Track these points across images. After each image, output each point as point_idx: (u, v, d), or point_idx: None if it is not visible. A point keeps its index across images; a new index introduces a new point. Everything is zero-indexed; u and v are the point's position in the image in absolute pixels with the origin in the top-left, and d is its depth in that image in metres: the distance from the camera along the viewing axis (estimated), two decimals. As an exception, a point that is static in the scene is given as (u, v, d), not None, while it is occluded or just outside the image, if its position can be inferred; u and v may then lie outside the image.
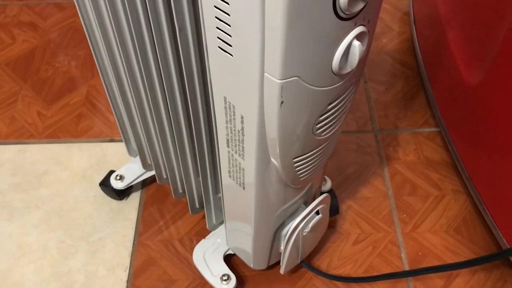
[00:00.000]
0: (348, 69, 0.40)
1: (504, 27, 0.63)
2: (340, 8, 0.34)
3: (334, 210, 0.76)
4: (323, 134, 0.47)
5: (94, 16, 0.54)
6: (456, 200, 0.81)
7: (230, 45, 0.38)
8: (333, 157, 0.85)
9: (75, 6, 0.56)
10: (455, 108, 0.81)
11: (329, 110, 0.44)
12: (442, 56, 0.84)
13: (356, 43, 0.38)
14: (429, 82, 0.91)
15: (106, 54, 0.59)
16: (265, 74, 0.38)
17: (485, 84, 0.70)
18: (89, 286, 0.73)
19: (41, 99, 0.95)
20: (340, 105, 0.45)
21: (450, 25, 0.82)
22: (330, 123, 0.46)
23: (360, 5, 0.36)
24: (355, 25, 0.37)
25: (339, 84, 0.42)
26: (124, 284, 0.73)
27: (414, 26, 1.01)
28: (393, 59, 1.02)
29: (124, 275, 0.74)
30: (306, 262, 0.71)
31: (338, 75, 0.40)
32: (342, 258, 0.75)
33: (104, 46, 0.58)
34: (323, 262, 0.75)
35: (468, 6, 0.76)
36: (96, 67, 0.63)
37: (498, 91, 0.67)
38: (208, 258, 0.70)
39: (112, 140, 0.89)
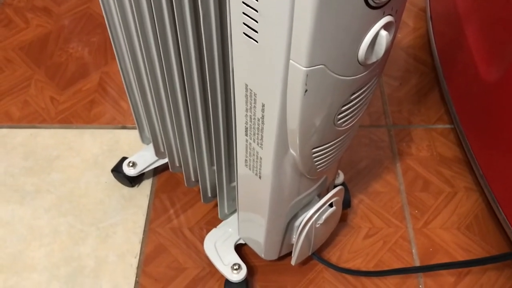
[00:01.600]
0: (373, 59, 0.40)
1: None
2: (370, -5, 0.34)
3: (345, 204, 0.76)
4: (343, 125, 0.47)
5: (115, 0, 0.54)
6: (468, 198, 0.81)
7: (256, 31, 0.38)
8: (346, 151, 0.85)
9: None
10: (471, 105, 0.81)
11: (352, 101, 0.44)
12: (459, 52, 0.83)
13: (384, 32, 0.38)
14: (444, 79, 0.91)
15: (125, 38, 0.59)
16: (291, 61, 0.37)
17: (503, 81, 0.69)
18: (99, 271, 0.73)
19: (54, 84, 0.95)
20: (362, 96, 0.44)
21: (468, 21, 0.81)
22: (351, 114, 0.46)
23: (389, -7, 0.35)
24: (384, 14, 0.37)
25: (363, 74, 0.41)
26: (134, 270, 0.73)
27: (430, 22, 1.00)
28: (408, 55, 1.01)
29: (134, 262, 0.74)
30: (317, 254, 0.71)
31: (363, 64, 0.40)
32: (352, 252, 0.75)
33: (123, 30, 0.57)
34: (333, 255, 0.74)
35: (488, 2, 0.76)
36: (110, 54, 0.63)
37: (516, 88, 0.66)
38: (219, 247, 0.70)
39: (124, 127, 0.89)
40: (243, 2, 0.36)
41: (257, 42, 0.38)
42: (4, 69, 0.98)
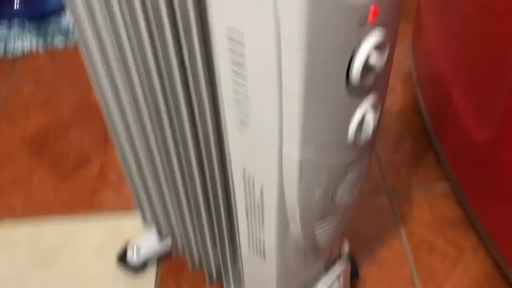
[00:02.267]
0: (363, 138, 0.41)
1: (509, 82, 0.64)
2: (353, 82, 0.36)
3: (353, 274, 0.75)
4: (342, 200, 0.48)
5: (110, 90, 0.56)
6: (475, 257, 0.80)
7: (249, 119, 0.39)
8: (349, 220, 0.85)
9: (88, 82, 0.58)
10: (467, 164, 0.82)
11: (347, 178, 0.45)
12: (449, 113, 0.86)
13: (370, 113, 0.39)
14: (437, 140, 0.92)
15: (123, 127, 0.61)
16: (284, 145, 0.39)
17: (495, 139, 0.71)
18: None
19: (56, 174, 0.97)
20: (356, 172, 0.46)
21: (454, 83, 0.84)
22: (348, 190, 0.47)
23: (371, 78, 0.37)
24: (368, 97, 0.39)
25: (355, 152, 0.43)
26: None
27: (417, 85, 1.04)
28: (399, 119, 1.04)
29: None
30: (329, 331, 0.69)
31: (354, 144, 0.41)
32: (365, 325, 0.73)
33: (121, 119, 0.59)
34: (346, 329, 0.72)
35: (471, 63, 0.79)
36: (110, 140, 0.65)
37: (507, 145, 0.68)
38: (228, 331, 0.68)
39: (127, 213, 0.90)
40: (235, 92, 0.38)
41: (251, 129, 0.40)
42: (6, 163, 1.00)
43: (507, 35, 0.65)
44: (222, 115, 0.42)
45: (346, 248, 0.75)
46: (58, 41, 1.29)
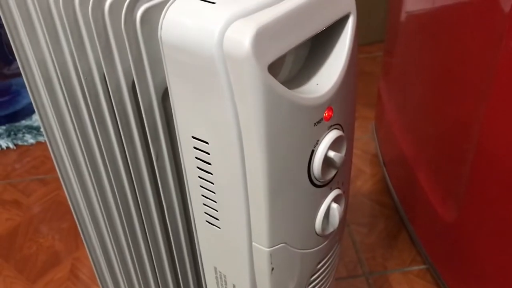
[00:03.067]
0: (330, 229, 0.42)
1: (468, 160, 0.67)
2: (315, 178, 0.38)
3: None
4: (316, 293, 0.47)
5: (80, 190, 0.56)
6: None
7: (217, 219, 0.40)
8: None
9: (58, 180, 0.58)
10: (438, 243, 0.83)
11: (319, 270, 0.45)
12: (416, 194, 0.88)
13: (335, 205, 0.41)
14: (408, 220, 0.94)
15: (92, 227, 0.60)
16: (253, 243, 0.39)
17: (463, 219, 0.72)
18: None
19: (24, 278, 0.93)
20: (328, 262, 0.46)
21: (418, 164, 0.87)
22: (322, 282, 0.47)
23: (332, 173, 0.39)
24: (331, 190, 0.40)
25: (324, 244, 0.43)
26: None
27: (384, 167, 1.07)
28: (371, 200, 1.06)
29: None
30: None
31: (322, 236, 0.42)
32: None
33: (90, 220, 0.59)
34: None
35: (432, 145, 0.82)
36: (80, 239, 0.64)
37: (475, 223, 0.70)
38: None
39: (98, 315, 0.86)
40: (203, 195, 0.39)
41: (219, 228, 0.41)
42: (-28, 269, 0.96)
43: (465, 115, 0.69)
44: (191, 216, 0.43)
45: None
46: (29, 138, 1.29)
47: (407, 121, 0.92)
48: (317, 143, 0.37)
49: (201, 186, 0.39)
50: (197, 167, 0.37)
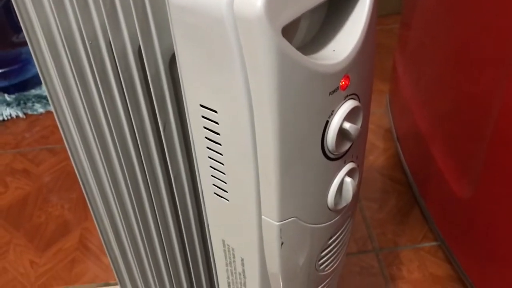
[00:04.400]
0: (343, 204, 0.40)
1: (486, 137, 0.65)
2: (329, 150, 0.36)
3: None
4: (326, 269, 0.46)
5: (87, 161, 0.55)
6: (470, 318, 0.77)
7: (226, 191, 0.39)
8: (338, 283, 0.82)
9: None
10: (452, 220, 0.81)
11: (330, 245, 0.44)
12: (430, 170, 0.86)
13: (348, 179, 0.39)
14: (421, 197, 0.92)
15: (100, 198, 0.59)
16: (263, 217, 0.38)
17: (478, 195, 0.70)
18: None
19: (34, 247, 0.94)
20: (339, 238, 0.45)
21: (433, 139, 0.85)
22: (332, 257, 0.46)
23: (346, 145, 0.37)
24: (345, 163, 0.39)
25: (336, 219, 0.42)
26: None
27: (398, 142, 1.05)
28: (383, 176, 1.04)
29: None
30: None
31: (334, 211, 0.40)
32: None
33: (97, 190, 0.58)
34: None
35: (449, 119, 0.80)
36: (89, 209, 0.63)
37: (491, 201, 0.68)
38: None
39: (107, 285, 0.86)
40: (211, 166, 0.38)
41: (228, 201, 0.39)
42: (-18, 237, 0.96)
43: (484, 91, 0.66)
44: (199, 188, 0.41)
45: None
46: (39, 108, 1.29)
47: (423, 95, 0.89)
48: (332, 113, 0.35)
49: (209, 157, 0.37)
50: (206, 137, 0.36)
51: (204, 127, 0.35)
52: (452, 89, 0.77)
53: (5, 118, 1.27)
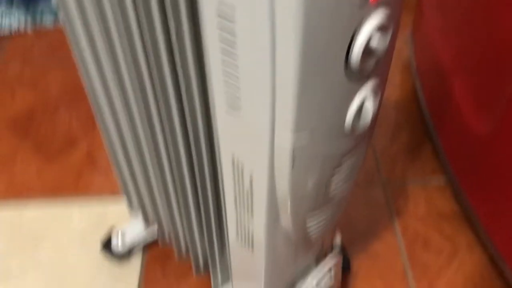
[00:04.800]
0: (360, 126, 0.38)
1: None
2: (353, 66, 0.33)
3: (345, 268, 0.73)
4: (335, 192, 0.45)
5: (96, 73, 0.53)
6: (471, 254, 0.78)
7: (240, 104, 0.37)
8: (343, 213, 0.82)
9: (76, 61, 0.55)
10: (465, 157, 0.79)
11: (342, 168, 0.42)
12: (449, 105, 0.83)
13: (369, 100, 0.37)
14: (435, 132, 0.90)
15: (108, 110, 0.58)
16: (276, 132, 0.36)
17: (497, 133, 0.68)
18: None
19: (41, 156, 0.94)
20: (352, 162, 0.43)
21: (455, 73, 0.81)
22: (344, 181, 0.44)
23: (371, 63, 0.35)
24: (368, 82, 0.36)
25: (351, 141, 0.40)
26: None
27: (417, 76, 1.01)
28: (397, 110, 1.01)
29: None
30: (318, 326, 0.67)
31: (351, 133, 0.38)
32: (355, 320, 0.71)
33: (106, 102, 0.56)
34: (335, 324, 0.70)
35: (474, 53, 0.76)
36: (97, 122, 0.62)
37: (510, 139, 0.66)
38: (214, 323, 0.66)
39: (113, 196, 0.87)
40: (224, 76, 0.36)
41: (241, 114, 0.37)
42: (-10, 144, 0.96)
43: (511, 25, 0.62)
44: (211, 98, 0.39)
45: (338, 240, 0.73)
46: (47, 20, 1.25)
47: (449, 27, 0.85)
48: (359, 27, 0.32)
49: (223, 65, 0.35)
50: (220, 41, 0.33)
51: (219, 29, 0.32)
52: (481, 21, 0.72)
53: (14, 30, 1.23)
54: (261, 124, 0.36)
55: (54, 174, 0.90)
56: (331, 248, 0.64)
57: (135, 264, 0.78)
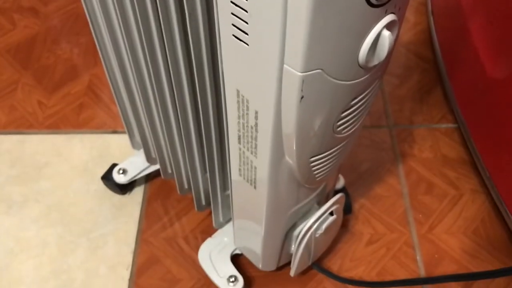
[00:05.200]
0: (375, 61, 0.36)
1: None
2: (372, -7, 0.31)
3: (346, 209, 0.73)
4: (343, 132, 0.43)
5: (98, 2, 0.50)
6: (474, 200, 0.77)
7: (246, 33, 0.34)
8: (348, 155, 0.81)
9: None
10: (476, 103, 0.77)
11: (352, 106, 0.40)
12: (463, 48, 0.80)
13: (386, 33, 0.34)
14: (447, 76, 0.87)
15: (110, 42, 0.55)
16: (285, 66, 0.34)
17: (511, 78, 0.66)
18: (89, 284, 0.70)
19: (42, 88, 0.92)
20: (363, 101, 0.41)
21: (473, 15, 0.78)
22: (352, 120, 0.43)
23: (393, -11, 0.32)
24: (386, 13, 0.34)
25: (364, 78, 0.38)
26: (126, 283, 0.70)
27: (432, 16, 0.97)
28: (409, 51, 0.98)
29: (126, 274, 0.70)
30: (317, 264, 0.68)
31: (364, 68, 0.36)
32: (354, 260, 0.72)
33: (108, 33, 0.54)
34: (334, 263, 0.71)
35: (492, -5, 0.72)
36: (99, 55, 0.60)
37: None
38: (214, 258, 0.66)
39: (115, 132, 0.86)
40: (232, 2, 0.33)
41: (247, 45, 0.35)
42: (-10, 73, 0.94)
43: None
44: (216, 25, 0.37)
45: (341, 182, 0.72)
46: None
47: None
48: None
49: (231, -11, 0.32)
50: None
51: None
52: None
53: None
54: (269, 57, 0.34)
55: (55, 107, 0.89)
56: (334, 192, 0.64)
57: (137, 197, 0.78)
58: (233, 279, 0.64)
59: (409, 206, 0.77)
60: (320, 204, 0.59)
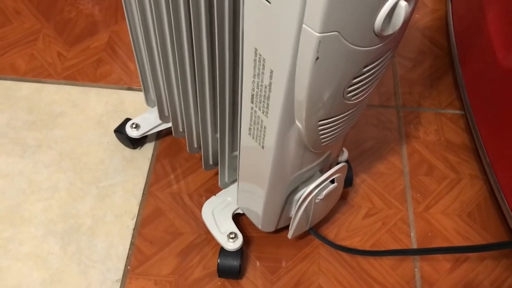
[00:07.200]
0: (390, 30, 0.38)
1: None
2: (393, -38, 0.32)
3: (347, 182, 0.75)
4: (353, 98, 0.45)
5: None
6: (472, 185, 0.79)
7: (270, -7, 0.36)
8: (352, 130, 0.83)
9: None
10: (485, 92, 0.79)
11: (364, 73, 0.42)
12: (478, 37, 0.81)
13: (403, 3, 0.36)
14: (459, 63, 0.88)
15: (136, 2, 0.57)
16: (304, 25, 0.36)
17: (521, 68, 0.67)
18: (95, 230, 0.73)
19: (62, 40, 0.94)
20: (375, 69, 0.43)
21: (490, 5, 0.79)
22: (362, 88, 0.45)
23: (413, -39, 0.34)
24: (404, -16, 0.35)
25: (378, 46, 0.40)
26: (131, 231, 0.73)
27: (450, 3, 0.97)
28: (424, 36, 0.99)
29: (131, 223, 0.74)
30: (314, 230, 0.71)
31: (379, 36, 0.38)
32: (350, 230, 0.74)
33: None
34: (331, 232, 0.74)
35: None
36: (120, 13, 0.62)
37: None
38: (217, 215, 0.69)
39: (130, 89, 0.88)
40: (259, -40, 0.35)
41: (269, 3, 0.37)
42: (13, 20, 0.96)
43: None
44: (242, -17, 0.39)
45: (345, 155, 0.75)
46: None
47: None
48: None
49: None
50: None
51: None
52: None
53: None
54: (289, 16, 0.36)
55: (74, 60, 0.91)
56: (337, 163, 0.66)
57: (147, 153, 0.80)
58: (233, 235, 0.67)
59: (409, 185, 0.79)
60: (323, 171, 0.61)
